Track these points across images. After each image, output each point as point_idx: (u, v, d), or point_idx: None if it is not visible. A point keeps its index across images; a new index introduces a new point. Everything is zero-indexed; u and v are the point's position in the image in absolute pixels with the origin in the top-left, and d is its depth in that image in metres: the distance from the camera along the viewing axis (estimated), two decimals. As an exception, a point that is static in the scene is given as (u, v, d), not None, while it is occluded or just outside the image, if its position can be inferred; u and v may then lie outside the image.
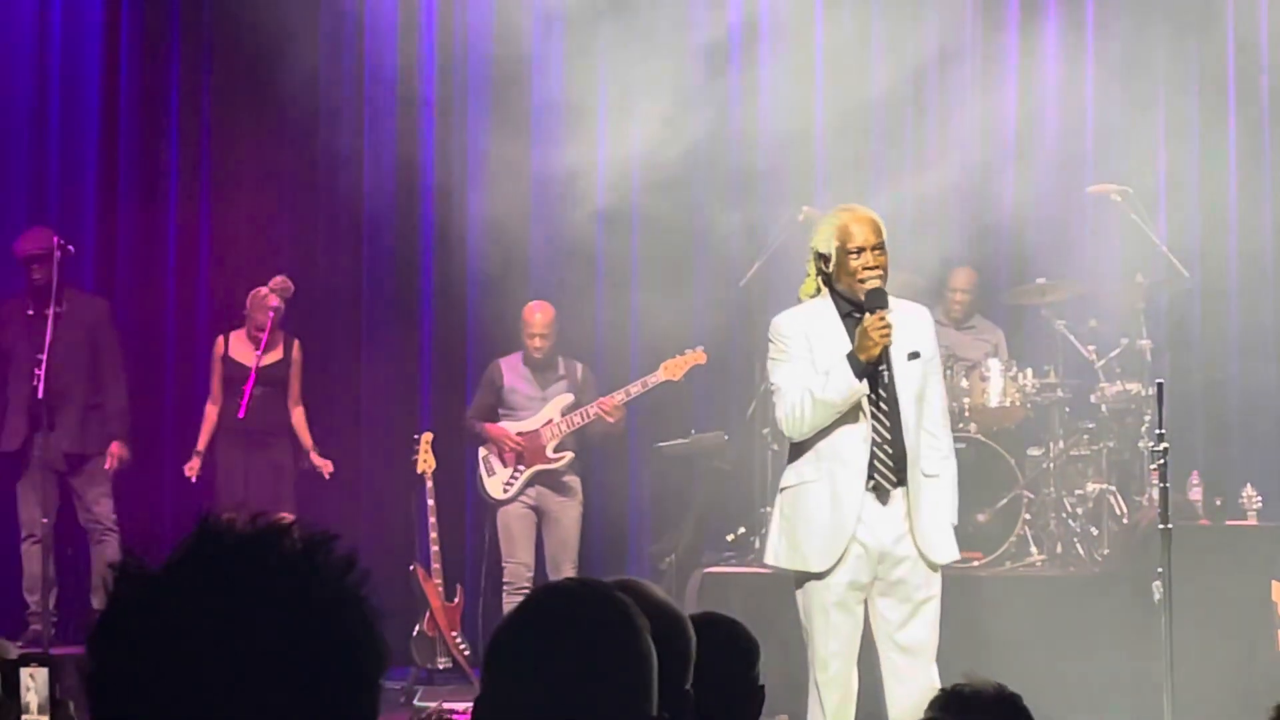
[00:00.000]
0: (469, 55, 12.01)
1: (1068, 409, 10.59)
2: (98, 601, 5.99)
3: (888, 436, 6.74)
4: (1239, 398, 11.71)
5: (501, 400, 10.66)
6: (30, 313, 10.32)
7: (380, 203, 11.85)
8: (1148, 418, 10.00)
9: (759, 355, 10.60)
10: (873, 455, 6.72)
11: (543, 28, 11.93)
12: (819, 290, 6.87)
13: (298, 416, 10.78)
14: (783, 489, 6.99)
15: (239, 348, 10.73)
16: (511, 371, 10.68)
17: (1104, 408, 10.45)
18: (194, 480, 10.56)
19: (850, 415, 6.72)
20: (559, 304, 10.91)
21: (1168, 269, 10.73)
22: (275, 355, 10.73)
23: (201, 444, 10.65)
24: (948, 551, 6.84)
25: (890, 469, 6.74)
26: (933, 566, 6.80)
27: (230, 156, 11.75)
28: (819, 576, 6.75)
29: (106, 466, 10.40)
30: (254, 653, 1.67)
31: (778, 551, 6.94)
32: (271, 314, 10.60)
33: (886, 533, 6.74)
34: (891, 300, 6.85)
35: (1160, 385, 7.76)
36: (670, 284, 11.42)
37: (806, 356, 6.74)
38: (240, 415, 10.45)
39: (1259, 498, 10.17)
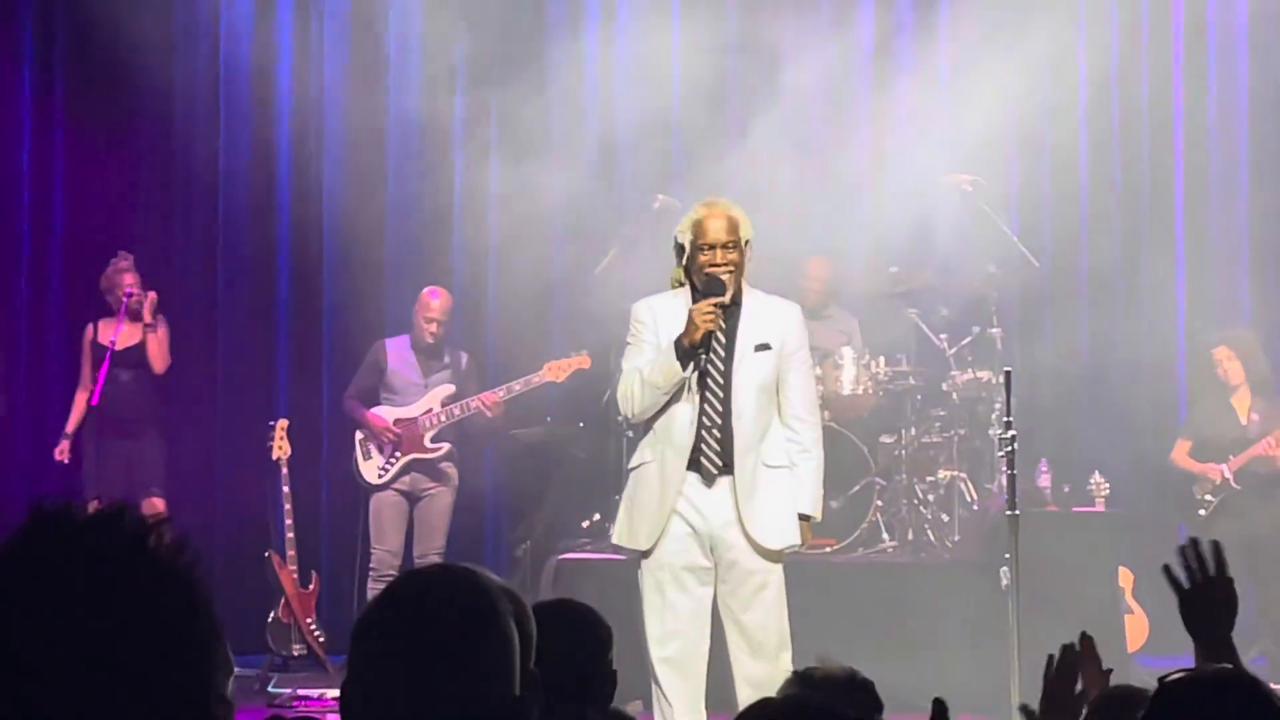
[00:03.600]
0: (325, 51, 11.95)
1: (919, 397, 10.70)
2: None
3: (717, 421, 6.83)
4: (1088, 386, 11.87)
5: (383, 382, 10.62)
6: None
7: (236, 189, 11.77)
8: (998, 406, 10.11)
9: (614, 343, 10.67)
10: (699, 439, 6.82)
11: (400, 23, 11.92)
12: (683, 281, 6.97)
13: None
14: (628, 470, 7.15)
15: (107, 332, 10.58)
16: (396, 355, 10.64)
17: (955, 396, 10.56)
18: (66, 461, 10.42)
19: (681, 399, 6.83)
20: (417, 289, 10.85)
21: (1019, 259, 10.86)
22: (134, 338, 10.59)
23: (70, 426, 10.50)
24: (781, 538, 6.88)
25: (716, 454, 6.83)
26: (767, 553, 6.87)
27: (85, 147, 11.60)
28: (648, 555, 6.86)
29: None
30: (87, 635, 1.70)
31: (621, 530, 7.08)
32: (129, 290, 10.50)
33: (713, 516, 6.83)
34: (760, 294, 7.04)
35: (1008, 373, 7.85)
36: (526, 269, 11.42)
37: (653, 341, 6.87)
38: (95, 401, 10.28)
39: (1106, 485, 10.34)
